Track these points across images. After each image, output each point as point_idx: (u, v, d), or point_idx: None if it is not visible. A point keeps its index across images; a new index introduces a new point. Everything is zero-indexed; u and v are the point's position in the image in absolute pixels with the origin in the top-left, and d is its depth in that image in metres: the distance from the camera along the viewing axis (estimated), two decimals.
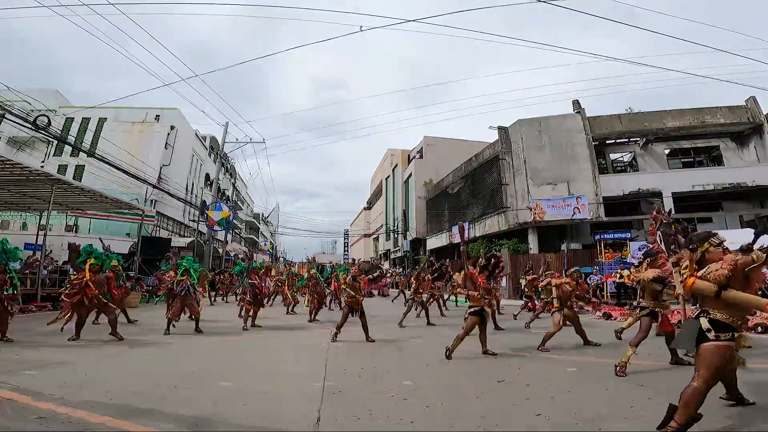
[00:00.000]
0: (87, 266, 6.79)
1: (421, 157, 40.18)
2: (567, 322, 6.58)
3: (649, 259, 5.32)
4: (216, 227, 24.43)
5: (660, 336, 5.30)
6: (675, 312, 6.86)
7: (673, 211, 5.42)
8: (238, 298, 9.75)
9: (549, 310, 8.76)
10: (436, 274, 10.44)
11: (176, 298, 7.81)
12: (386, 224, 49.54)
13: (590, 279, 16.74)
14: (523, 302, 11.78)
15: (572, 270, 7.00)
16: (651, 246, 5.19)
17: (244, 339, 7.48)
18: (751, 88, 19.75)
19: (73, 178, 20.40)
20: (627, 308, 11.20)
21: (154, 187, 21.85)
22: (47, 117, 13.58)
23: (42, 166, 16.80)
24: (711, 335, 2.69)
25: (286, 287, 12.84)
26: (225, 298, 17.07)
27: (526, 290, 11.69)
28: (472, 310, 5.72)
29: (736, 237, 15.88)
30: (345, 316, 7.33)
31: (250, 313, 8.74)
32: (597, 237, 17.68)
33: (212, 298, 15.92)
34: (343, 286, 7.67)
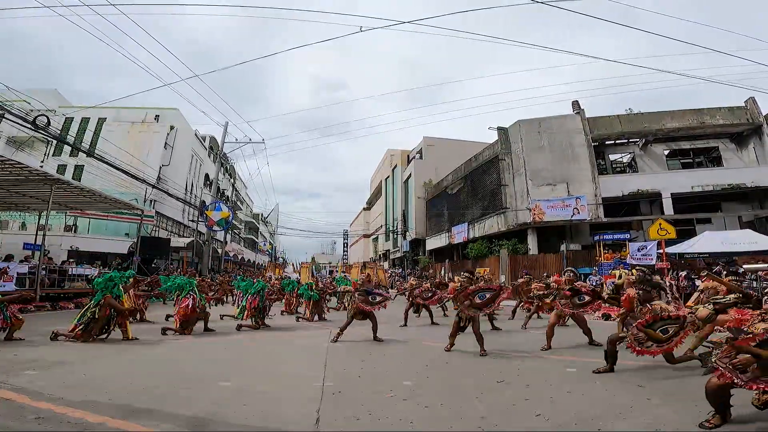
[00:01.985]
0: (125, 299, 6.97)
1: (420, 157, 40.21)
2: (563, 321, 6.69)
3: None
4: (215, 227, 24.43)
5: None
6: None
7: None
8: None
9: (543, 310, 8.79)
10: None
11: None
12: (386, 224, 49.56)
13: (589, 279, 16.76)
14: (516, 302, 11.76)
15: (566, 270, 7.14)
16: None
17: (244, 339, 7.47)
18: (750, 89, 19.78)
19: (73, 178, 20.38)
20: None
21: (154, 187, 21.83)
22: (46, 117, 13.54)
23: (41, 166, 16.77)
24: None
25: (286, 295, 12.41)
26: (227, 299, 17.02)
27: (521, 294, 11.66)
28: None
29: (735, 238, 15.95)
30: (350, 319, 7.34)
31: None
32: (596, 238, 17.72)
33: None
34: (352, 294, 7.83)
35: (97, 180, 20.06)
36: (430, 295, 10.20)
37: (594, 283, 16.37)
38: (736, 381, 2.79)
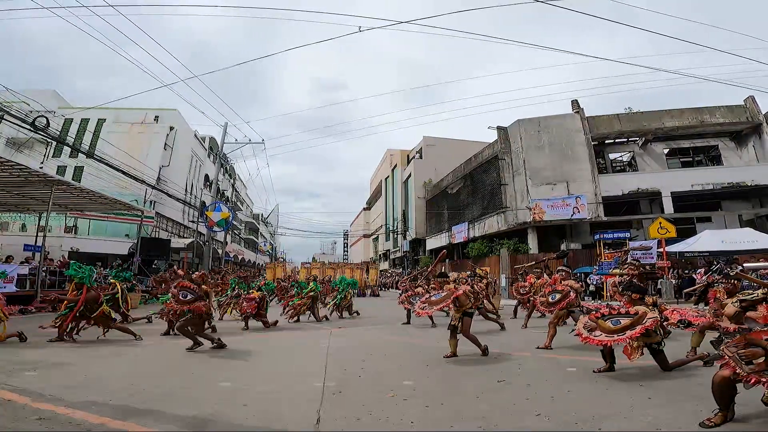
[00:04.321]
0: (72, 285, 6.87)
1: (420, 157, 40.20)
2: (562, 320, 6.76)
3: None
4: (215, 228, 24.42)
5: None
6: (674, 312, 6.88)
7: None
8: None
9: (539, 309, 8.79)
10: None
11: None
12: (386, 224, 49.56)
13: (590, 279, 16.74)
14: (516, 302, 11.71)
15: (559, 269, 7.23)
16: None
17: (244, 339, 7.48)
18: (749, 87, 19.80)
19: (72, 179, 20.38)
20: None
21: (153, 188, 21.84)
22: (46, 118, 13.53)
23: (41, 167, 16.77)
24: None
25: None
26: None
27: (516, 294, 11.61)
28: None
29: (735, 236, 15.92)
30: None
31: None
32: (596, 237, 17.70)
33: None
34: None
35: (97, 181, 20.05)
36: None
37: (595, 282, 16.37)
38: (738, 371, 2.79)
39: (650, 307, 4.67)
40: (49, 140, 20.89)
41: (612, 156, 24.34)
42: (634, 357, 4.37)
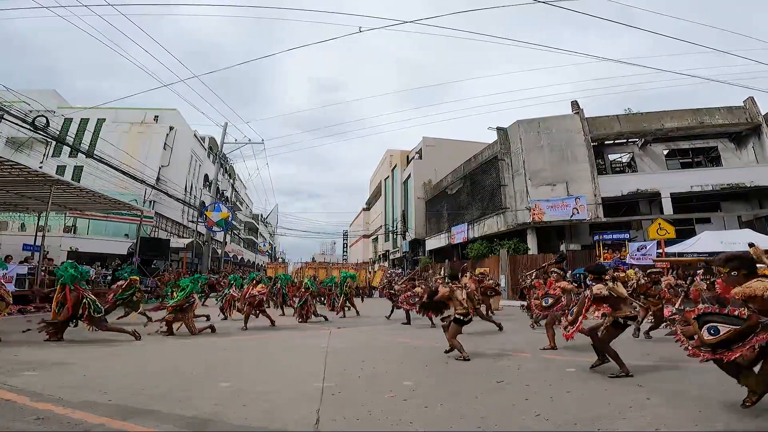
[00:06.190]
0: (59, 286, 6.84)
1: (420, 157, 40.17)
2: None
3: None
4: (215, 228, 24.43)
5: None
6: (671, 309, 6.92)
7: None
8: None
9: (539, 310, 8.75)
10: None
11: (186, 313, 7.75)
12: (385, 225, 49.52)
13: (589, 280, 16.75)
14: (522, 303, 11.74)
15: (552, 271, 7.10)
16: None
17: (244, 339, 7.48)
18: (749, 89, 19.80)
19: (72, 179, 20.38)
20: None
21: (153, 187, 21.85)
22: (46, 117, 13.54)
23: (40, 167, 16.77)
24: None
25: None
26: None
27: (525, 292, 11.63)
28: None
29: (734, 237, 15.93)
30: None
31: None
32: (596, 237, 17.71)
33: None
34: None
35: (96, 181, 20.05)
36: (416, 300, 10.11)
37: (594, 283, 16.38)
38: (682, 345, 3.20)
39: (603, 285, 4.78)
40: (48, 140, 20.89)
41: (611, 157, 24.35)
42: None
